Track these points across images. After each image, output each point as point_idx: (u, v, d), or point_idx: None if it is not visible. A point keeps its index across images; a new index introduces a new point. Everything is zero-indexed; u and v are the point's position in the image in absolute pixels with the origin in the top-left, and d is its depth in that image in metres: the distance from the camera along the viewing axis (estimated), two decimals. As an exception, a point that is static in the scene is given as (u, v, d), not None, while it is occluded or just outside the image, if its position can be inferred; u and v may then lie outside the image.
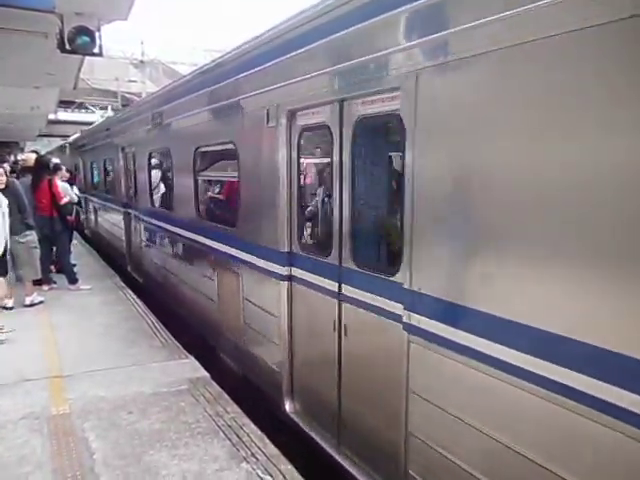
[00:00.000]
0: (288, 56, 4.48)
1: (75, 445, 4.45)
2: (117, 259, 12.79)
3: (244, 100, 5.35)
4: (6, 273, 7.88)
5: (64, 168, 11.58)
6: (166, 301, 8.91)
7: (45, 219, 9.45)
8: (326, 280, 4.36)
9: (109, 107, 30.15)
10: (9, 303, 8.32)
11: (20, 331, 7.40)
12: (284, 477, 3.96)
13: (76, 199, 11.16)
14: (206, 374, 5.94)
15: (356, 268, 4.01)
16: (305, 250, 4.73)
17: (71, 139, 21.50)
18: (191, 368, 6.13)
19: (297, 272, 4.80)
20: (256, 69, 5.04)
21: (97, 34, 6.45)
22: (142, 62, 30.78)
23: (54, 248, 10.10)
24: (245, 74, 5.28)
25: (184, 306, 7.97)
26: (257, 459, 4.21)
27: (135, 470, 4.08)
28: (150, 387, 5.57)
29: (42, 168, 10.00)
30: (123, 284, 10.45)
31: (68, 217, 10.11)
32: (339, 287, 4.20)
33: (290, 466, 4.13)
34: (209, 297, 6.74)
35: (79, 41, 6.30)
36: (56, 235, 9.78)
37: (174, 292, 8.42)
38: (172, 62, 29.28)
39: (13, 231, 8.20)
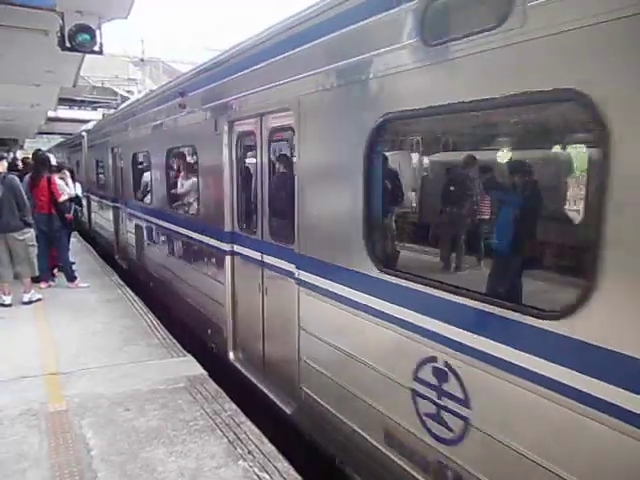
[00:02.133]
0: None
1: (73, 441, 4.46)
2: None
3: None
4: None
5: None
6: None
7: (43, 217, 9.44)
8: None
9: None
10: (7, 300, 8.34)
11: (18, 328, 7.42)
12: (281, 475, 3.98)
13: (74, 194, 11.11)
14: (204, 372, 5.95)
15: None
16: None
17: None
18: (189, 366, 6.15)
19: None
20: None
21: (98, 32, 6.46)
22: (142, 60, 30.77)
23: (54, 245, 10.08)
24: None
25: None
26: (254, 457, 4.22)
27: (132, 466, 4.09)
28: (148, 384, 5.59)
29: (41, 165, 9.95)
30: (122, 282, 10.47)
31: (67, 215, 10.09)
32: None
33: (287, 464, 4.15)
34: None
35: (79, 39, 6.30)
36: (54, 233, 9.77)
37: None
38: (172, 60, 29.27)
39: (12, 228, 8.22)
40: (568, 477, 2.48)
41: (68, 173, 11.36)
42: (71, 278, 9.95)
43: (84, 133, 17.65)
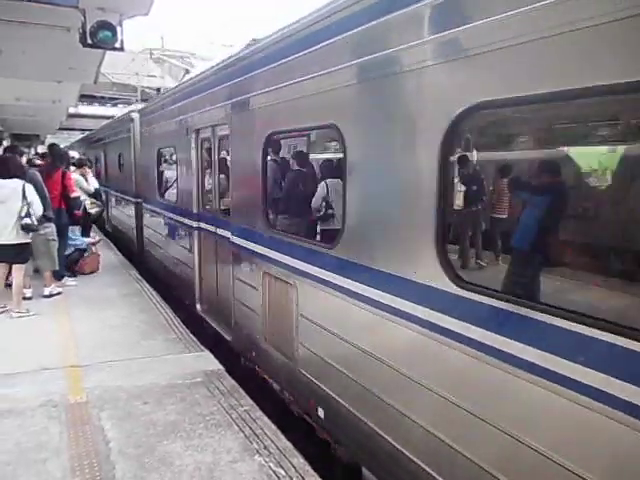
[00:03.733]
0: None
1: (92, 433, 4.53)
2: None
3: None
4: (26, 260, 8.02)
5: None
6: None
7: (53, 210, 9.14)
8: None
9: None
10: (27, 293, 8.47)
11: (38, 321, 7.54)
12: (296, 470, 4.00)
13: (92, 190, 11.18)
14: (221, 367, 6.00)
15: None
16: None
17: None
18: (206, 361, 6.20)
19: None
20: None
21: (119, 29, 6.51)
22: (161, 58, 30.93)
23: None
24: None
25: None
26: (270, 452, 4.25)
27: (150, 459, 4.14)
28: (165, 379, 5.65)
29: (57, 158, 9.93)
30: (140, 277, 10.57)
31: (75, 211, 9.95)
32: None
33: (302, 459, 4.16)
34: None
35: (101, 36, 6.35)
36: (61, 227, 9.52)
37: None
38: (190, 52, 29.35)
39: (34, 223, 8.31)
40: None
41: (89, 170, 11.48)
42: (59, 276, 9.57)
43: (135, 115, 12.78)
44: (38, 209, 7.81)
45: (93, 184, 11.83)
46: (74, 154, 12.74)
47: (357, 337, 3.96)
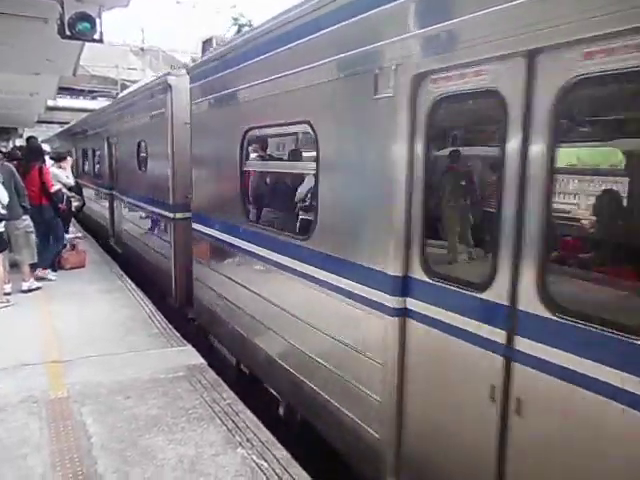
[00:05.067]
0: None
1: (73, 428, 4.51)
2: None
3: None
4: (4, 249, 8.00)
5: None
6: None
7: (35, 208, 9.10)
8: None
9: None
10: (7, 288, 8.36)
11: (18, 316, 7.46)
12: (279, 462, 4.02)
13: (72, 183, 11.00)
14: (203, 361, 5.99)
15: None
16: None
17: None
18: (188, 355, 6.19)
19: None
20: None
21: (98, 21, 6.44)
22: (142, 50, 30.66)
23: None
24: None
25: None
26: (252, 445, 4.27)
27: (132, 453, 4.14)
28: (147, 373, 5.63)
29: (32, 153, 9.77)
30: (122, 272, 10.49)
31: (59, 205, 9.82)
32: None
33: (285, 452, 4.19)
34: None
35: (79, 27, 6.28)
36: (47, 223, 9.52)
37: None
38: (172, 50, 29.14)
39: (15, 216, 8.23)
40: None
41: (70, 161, 11.29)
42: (46, 266, 9.64)
43: (176, 80, 7.96)
44: (3, 197, 7.74)
45: (72, 177, 11.68)
46: (46, 147, 11.97)
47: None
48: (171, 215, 8.20)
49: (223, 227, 6.21)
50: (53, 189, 9.58)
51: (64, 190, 10.30)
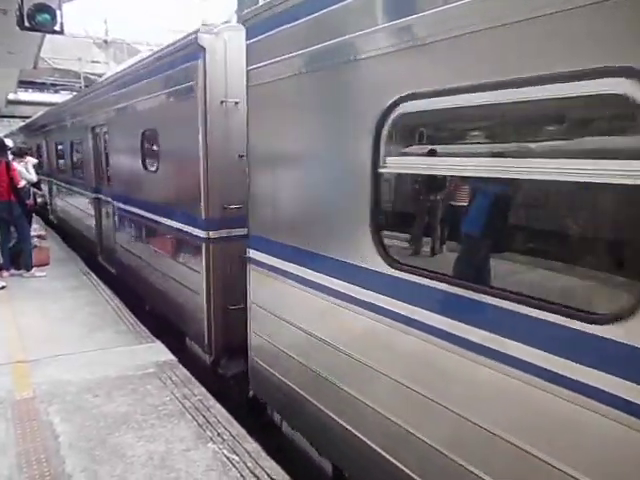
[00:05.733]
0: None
1: (40, 429, 4.43)
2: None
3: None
4: None
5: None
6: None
7: (4, 204, 9.07)
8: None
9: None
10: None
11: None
12: (250, 456, 4.04)
13: (35, 179, 10.76)
14: (173, 358, 5.95)
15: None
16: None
17: None
18: (158, 352, 6.13)
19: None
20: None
21: (58, 12, 6.29)
22: (106, 42, 30.00)
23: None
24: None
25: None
26: (223, 439, 4.27)
27: (101, 452, 4.09)
28: (116, 371, 5.56)
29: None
30: (88, 269, 10.31)
31: (27, 201, 9.73)
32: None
33: (256, 445, 4.20)
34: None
35: (39, 18, 6.14)
36: (15, 220, 9.40)
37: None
38: (137, 42, 28.59)
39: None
40: None
41: (30, 158, 11.04)
42: (28, 266, 9.62)
43: (206, 37, 5.46)
44: None
45: (33, 173, 11.40)
46: (9, 142, 11.60)
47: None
48: (202, 234, 5.72)
49: (322, 265, 3.79)
50: (20, 185, 9.40)
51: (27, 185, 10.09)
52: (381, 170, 3.20)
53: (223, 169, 5.56)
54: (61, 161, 14.65)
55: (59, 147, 14.78)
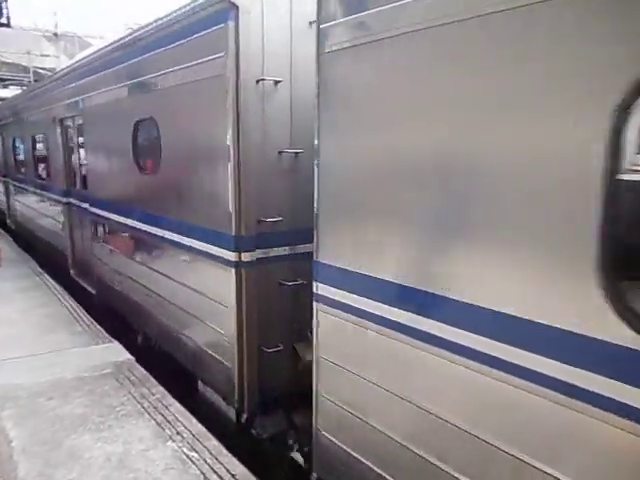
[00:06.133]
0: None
1: (-9, 434, 4.31)
2: None
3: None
4: None
5: None
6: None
7: None
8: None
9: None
10: None
11: None
12: (210, 453, 4.03)
13: None
14: (130, 357, 5.86)
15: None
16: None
17: None
18: (115, 352, 6.03)
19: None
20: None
21: (3, 4, 6.09)
22: (56, 35, 29.04)
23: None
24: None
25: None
26: (183, 437, 4.25)
27: (56, 455, 4.01)
28: (72, 372, 5.45)
29: None
30: (40, 270, 10.01)
31: None
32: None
33: (216, 442, 4.20)
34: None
35: (-17, 11, 5.91)
36: None
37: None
38: (88, 36, 27.81)
39: None
40: None
41: None
42: None
43: None
44: None
45: None
46: None
47: None
48: (231, 256, 4.35)
49: (468, 320, 2.52)
50: None
51: None
52: (627, 176, 2.04)
53: (259, 170, 4.24)
54: (20, 159, 13.06)
55: (17, 144, 13.13)
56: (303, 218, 3.99)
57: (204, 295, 4.82)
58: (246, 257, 4.30)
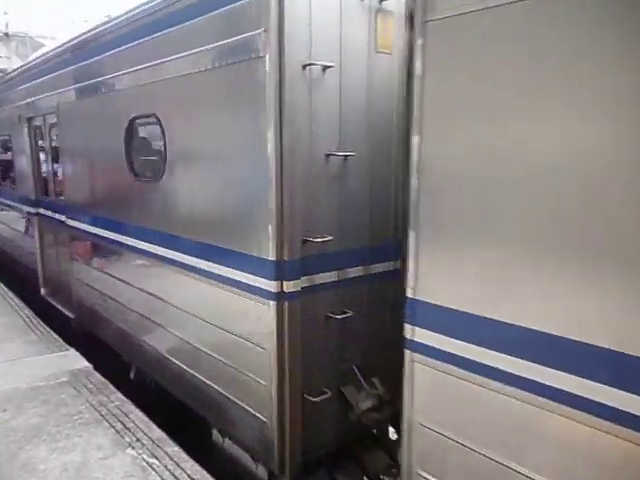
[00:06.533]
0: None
1: (-60, 449, 4.15)
2: None
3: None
4: None
5: None
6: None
7: None
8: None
9: None
10: None
11: None
12: (171, 459, 3.99)
13: None
14: (88, 365, 5.74)
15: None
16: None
17: None
18: (71, 360, 5.90)
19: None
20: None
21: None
22: (7, 35, 28.11)
23: None
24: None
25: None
26: (143, 444, 4.19)
27: (10, 468, 3.90)
28: (26, 382, 5.30)
29: None
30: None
31: None
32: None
33: (177, 447, 4.15)
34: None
35: None
36: None
37: None
38: (40, 36, 27.01)
39: None
40: None
41: None
42: None
43: None
44: None
45: None
46: None
47: None
48: (270, 286, 3.45)
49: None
50: None
51: None
52: None
53: (305, 177, 3.38)
54: None
55: None
56: (352, 236, 3.56)
57: (231, 333, 3.84)
58: (289, 287, 3.39)
